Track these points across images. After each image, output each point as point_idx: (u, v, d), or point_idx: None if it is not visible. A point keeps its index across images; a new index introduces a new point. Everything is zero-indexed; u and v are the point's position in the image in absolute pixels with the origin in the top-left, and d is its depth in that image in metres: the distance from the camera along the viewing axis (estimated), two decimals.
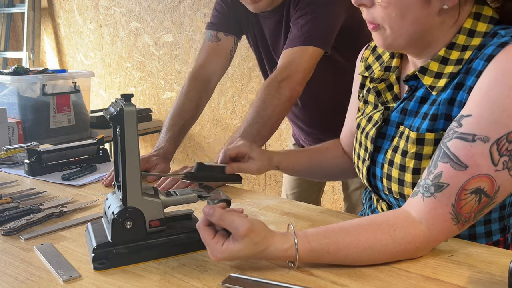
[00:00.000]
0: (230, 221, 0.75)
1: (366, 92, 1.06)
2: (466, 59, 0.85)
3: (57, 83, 2.73)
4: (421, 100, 0.91)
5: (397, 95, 0.99)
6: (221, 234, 0.77)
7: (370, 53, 1.08)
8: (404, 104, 0.94)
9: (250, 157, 1.09)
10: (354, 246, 0.77)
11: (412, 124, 0.91)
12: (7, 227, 0.97)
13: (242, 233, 0.74)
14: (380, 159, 0.97)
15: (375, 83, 1.02)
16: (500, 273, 0.77)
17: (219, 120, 3.18)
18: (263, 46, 1.59)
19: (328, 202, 2.85)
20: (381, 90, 1.01)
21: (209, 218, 0.77)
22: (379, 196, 1.02)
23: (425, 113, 0.89)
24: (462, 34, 0.87)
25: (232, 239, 0.75)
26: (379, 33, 0.89)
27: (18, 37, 4.30)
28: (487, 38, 0.85)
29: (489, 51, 0.82)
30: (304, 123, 1.69)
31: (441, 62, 0.88)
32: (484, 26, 0.86)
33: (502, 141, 0.76)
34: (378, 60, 1.05)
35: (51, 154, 1.43)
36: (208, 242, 0.77)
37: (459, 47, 0.87)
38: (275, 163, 1.13)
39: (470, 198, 0.78)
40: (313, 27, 1.35)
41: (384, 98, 1.00)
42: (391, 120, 0.96)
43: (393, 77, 1.00)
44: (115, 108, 0.84)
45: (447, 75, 0.87)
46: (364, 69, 1.08)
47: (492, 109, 0.77)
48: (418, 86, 0.93)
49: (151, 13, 3.39)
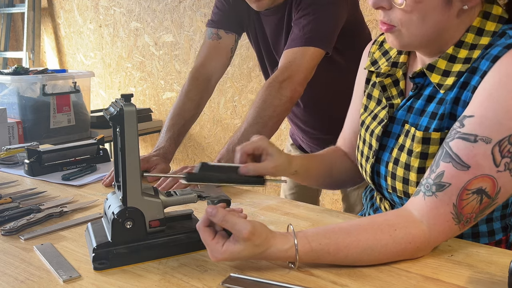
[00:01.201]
0: (233, 223, 0.75)
1: (371, 86, 1.06)
2: (474, 58, 0.85)
3: (57, 83, 2.73)
4: (428, 99, 0.91)
5: (402, 91, 0.98)
6: (221, 235, 0.77)
7: (377, 48, 1.08)
8: (411, 102, 0.94)
9: (268, 154, 0.98)
10: (354, 246, 0.77)
11: (419, 123, 0.91)
12: (7, 227, 0.97)
13: (245, 236, 0.74)
14: (385, 157, 0.97)
15: (381, 78, 1.01)
16: (500, 273, 0.77)
17: (219, 120, 3.18)
18: (264, 45, 1.59)
19: (328, 202, 2.85)
20: (386, 85, 1.01)
21: (212, 219, 0.76)
22: (382, 194, 1.01)
23: (433, 112, 0.89)
24: (471, 32, 0.86)
25: (233, 240, 0.75)
26: (395, 34, 0.88)
27: (18, 37, 4.30)
28: (495, 37, 0.85)
29: (495, 52, 0.82)
30: (304, 123, 1.68)
31: (449, 60, 0.88)
32: (493, 25, 0.86)
33: (504, 143, 0.77)
34: (385, 56, 1.05)
35: (51, 154, 1.43)
36: (208, 243, 0.77)
37: (467, 45, 0.86)
38: (295, 167, 1.03)
39: (471, 198, 0.78)
40: (315, 27, 1.35)
41: (390, 93, 1.00)
42: (397, 118, 0.96)
43: (399, 73, 1.00)
44: (115, 108, 0.84)
45: (455, 74, 0.87)
46: (370, 64, 1.07)
47: (495, 111, 0.77)
48: (425, 84, 0.92)
49: (151, 13, 3.39)
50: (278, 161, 0.98)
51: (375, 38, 1.13)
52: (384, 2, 0.86)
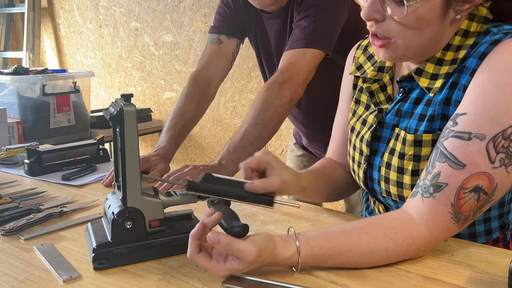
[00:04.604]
0: (237, 250, 0.73)
1: (358, 92, 1.06)
2: (460, 58, 0.85)
3: (57, 83, 2.73)
4: (416, 101, 0.91)
5: (391, 96, 0.98)
6: (218, 254, 0.75)
7: (361, 53, 1.07)
8: (399, 106, 0.94)
9: (273, 168, 0.90)
10: (355, 250, 0.77)
11: (408, 125, 0.90)
12: (7, 227, 0.97)
13: (250, 261, 0.73)
14: (377, 162, 0.96)
15: (368, 83, 1.01)
16: (500, 273, 0.77)
17: (219, 120, 3.18)
18: (263, 48, 1.59)
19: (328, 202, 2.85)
20: (374, 91, 1.00)
21: (216, 246, 0.74)
22: (377, 198, 1.01)
23: (421, 114, 0.89)
24: (458, 35, 0.87)
25: (237, 260, 0.74)
26: (390, 49, 0.87)
27: (18, 37, 4.30)
28: (480, 36, 0.85)
29: (482, 49, 0.82)
30: (304, 125, 1.68)
31: (437, 64, 0.88)
32: (478, 26, 0.86)
33: (498, 138, 0.77)
34: (370, 60, 1.04)
35: (51, 154, 1.43)
36: (208, 266, 0.75)
37: (454, 47, 0.87)
38: (304, 183, 0.97)
39: (469, 196, 0.78)
40: (315, 29, 1.36)
41: (377, 98, 0.99)
42: (386, 123, 0.96)
43: (386, 77, 0.99)
44: (115, 108, 0.84)
45: (443, 76, 0.87)
46: (355, 69, 1.06)
47: (487, 107, 0.78)
48: (413, 87, 0.92)
49: (151, 13, 3.39)
50: (285, 175, 0.90)
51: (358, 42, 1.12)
52: (377, 14, 0.84)
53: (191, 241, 0.75)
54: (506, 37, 0.81)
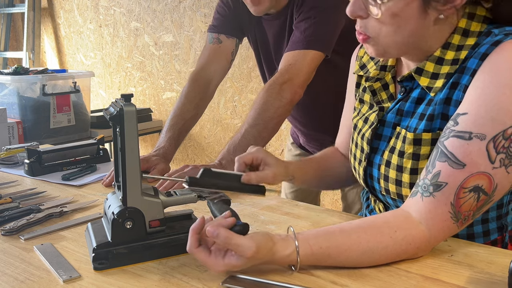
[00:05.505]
0: (236, 244, 0.73)
1: (362, 91, 1.06)
2: (461, 58, 0.85)
3: (57, 83, 2.73)
4: (417, 101, 0.91)
5: (393, 95, 0.98)
6: (217, 249, 0.76)
7: (365, 52, 1.08)
8: (399, 105, 0.94)
9: (266, 164, 1.01)
10: (354, 249, 0.77)
11: (409, 124, 0.91)
12: (7, 227, 0.97)
13: (249, 256, 0.73)
14: (377, 160, 0.97)
15: (370, 82, 1.02)
16: (500, 273, 0.77)
17: (219, 120, 3.19)
18: (263, 49, 1.59)
19: (328, 202, 2.86)
20: (376, 89, 1.01)
21: (215, 240, 0.75)
22: (376, 197, 1.02)
23: (422, 114, 0.89)
24: (457, 34, 0.87)
25: (236, 255, 0.74)
26: (371, 44, 0.89)
27: (18, 37, 4.30)
28: (481, 37, 0.85)
29: (483, 50, 0.82)
30: (302, 124, 1.69)
31: (437, 63, 0.88)
32: (478, 26, 0.86)
33: (498, 139, 0.77)
34: (373, 59, 1.04)
35: (51, 154, 1.43)
36: (207, 261, 0.75)
37: (454, 47, 0.87)
38: (291, 172, 1.06)
39: (468, 196, 0.78)
40: (316, 31, 1.36)
41: (379, 97, 1.00)
42: (387, 121, 0.96)
43: (388, 76, 1.00)
44: (115, 108, 0.84)
45: (443, 76, 0.87)
46: (359, 68, 1.07)
47: (488, 107, 0.78)
48: (413, 87, 0.93)
49: (151, 13, 3.39)
50: (277, 169, 1.01)
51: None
52: (361, 11, 0.87)
53: (191, 235, 0.76)
54: (507, 38, 0.81)
